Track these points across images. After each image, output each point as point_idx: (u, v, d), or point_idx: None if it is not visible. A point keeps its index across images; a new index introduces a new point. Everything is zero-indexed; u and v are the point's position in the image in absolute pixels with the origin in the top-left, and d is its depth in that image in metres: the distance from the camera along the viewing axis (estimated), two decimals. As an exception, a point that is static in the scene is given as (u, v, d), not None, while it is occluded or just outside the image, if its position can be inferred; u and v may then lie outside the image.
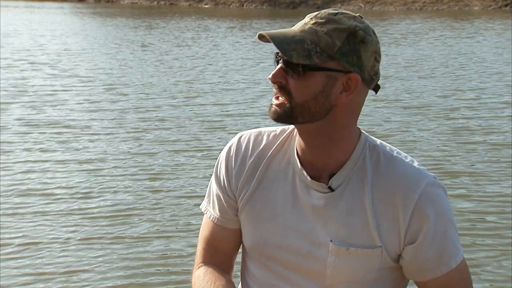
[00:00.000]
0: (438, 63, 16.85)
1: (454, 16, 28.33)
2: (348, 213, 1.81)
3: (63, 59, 17.48)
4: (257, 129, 1.97)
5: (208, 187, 2.00)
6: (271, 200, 1.87)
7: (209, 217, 1.98)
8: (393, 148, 1.87)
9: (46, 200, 7.06)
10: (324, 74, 1.74)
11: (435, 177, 1.82)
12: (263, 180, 1.89)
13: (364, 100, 1.82)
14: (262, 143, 1.92)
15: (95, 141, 9.60)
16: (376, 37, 1.79)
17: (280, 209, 1.86)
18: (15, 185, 7.50)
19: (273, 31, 1.76)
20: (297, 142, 1.87)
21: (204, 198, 2.03)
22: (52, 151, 9.16)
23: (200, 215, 2.19)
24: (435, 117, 10.79)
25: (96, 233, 6.30)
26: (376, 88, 1.83)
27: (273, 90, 1.79)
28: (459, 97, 12.56)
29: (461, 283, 1.85)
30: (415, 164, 1.84)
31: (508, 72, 15.20)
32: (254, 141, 1.93)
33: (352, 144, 1.84)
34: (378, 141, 1.87)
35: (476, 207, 6.79)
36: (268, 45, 1.76)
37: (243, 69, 16.33)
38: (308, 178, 1.83)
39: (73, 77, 14.83)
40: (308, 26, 1.75)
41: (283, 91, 1.76)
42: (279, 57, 1.77)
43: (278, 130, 1.94)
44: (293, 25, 1.83)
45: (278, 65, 1.77)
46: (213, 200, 1.97)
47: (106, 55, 18.60)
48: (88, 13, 33.00)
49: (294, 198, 1.85)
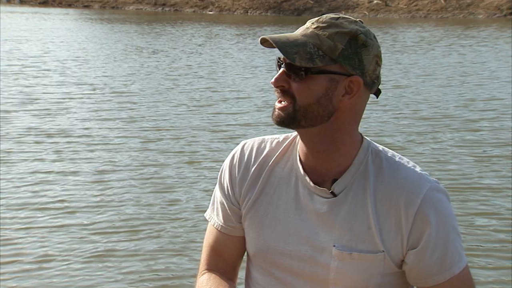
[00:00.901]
0: (450, 72, 16.71)
1: (459, 24, 28.29)
2: (351, 218, 1.81)
3: (72, 66, 17.34)
4: (260, 137, 1.98)
5: (212, 195, 2.01)
6: (274, 206, 1.88)
7: (213, 225, 1.98)
8: (396, 153, 1.88)
9: (51, 214, 6.91)
10: (327, 77, 1.75)
11: (437, 182, 1.83)
12: (266, 187, 1.90)
13: (365, 104, 1.84)
14: (265, 150, 1.93)
15: (100, 150, 9.45)
16: (377, 41, 1.81)
17: (283, 215, 1.86)
18: (21, 197, 7.36)
19: (275, 35, 1.77)
20: (299, 149, 1.88)
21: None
22: (59, 160, 9.01)
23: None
24: (451, 129, 10.64)
25: (108, 247, 6.16)
26: (377, 93, 1.84)
27: (276, 95, 1.80)
28: (475, 108, 12.43)
29: None
30: (418, 169, 1.84)
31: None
32: (257, 149, 1.94)
33: (354, 149, 1.84)
34: (381, 147, 1.88)
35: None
36: (275, 52, 1.75)
37: (255, 76, 16.21)
38: (311, 183, 1.84)
39: (82, 84, 14.71)
40: (310, 30, 1.77)
41: (286, 95, 1.77)
42: (281, 61, 1.78)
43: (281, 138, 1.95)
44: (297, 31, 1.84)
45: (280, 69, 1.78)
46: (217, 208, 1.98)
47: (115, 62, 18.48)
48: (94, 19, 32.98)
49: (297, 203, 1.86)
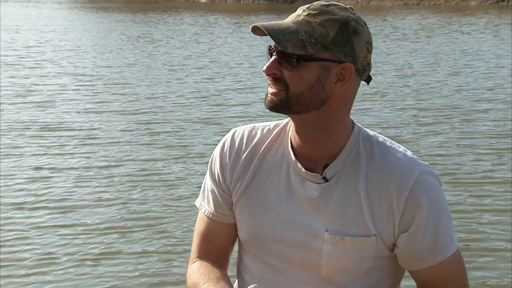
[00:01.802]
0: (452, 60, 16.55)
1: (454, 11, 28.24)
2: (343, 203, 1.80)
3: (68, 56, 17.20)
4: (250, 125, 1.97)
5: (202, 183, 2.00)
6: (266, 193, 1.87)
7: (204, 213, 1.97)
8: (386, 138, 1.87)
9: (49, 212, 6.59)
10: (319, 65, 1.74)
11: (428, 166, 1.83)
12: (257, 174, 1.89)
13: (356, 91, 1.83)
14: (256, 137, 1.92)
15: (100, 145, 9.17)
16: (368, 28, 1.79)
17: (275, 201, 1.86)
18: (19, 194, 7.09)
19: (266, 23, 1.75)
20: (291, 135, 1.87)
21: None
22: (56, 155, 8.69)
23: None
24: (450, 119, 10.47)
25: (108, 246, 5.96)
26: (368, 79, 1.83)
27: (268, 82, 1.78)
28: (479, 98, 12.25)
29: (455, 274, 1.85)
30: (408, 153, 1.84)
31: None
32: (248, 136, 1.93)
33: (346, 135, 1.84)
34: (372, 132, 1.88)
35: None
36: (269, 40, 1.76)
37: (254, 66, 15.86)
38: (303, 169, 1.83)
39: (78, 75, 14.52)
40: (302, 17, 1.75)
41: (278, 82, 1.76)
42: (272, 49, 1.77)
43: (272, 125, 1.94)
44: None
45: (271, 57, 1.77)
46: (207, 196, 1.97)
47: (111, 52, 18.38)
48: (89, 8, 32.84)
49: (289, 190, 1.85)
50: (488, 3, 30.77)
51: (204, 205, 1.97)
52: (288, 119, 1.89)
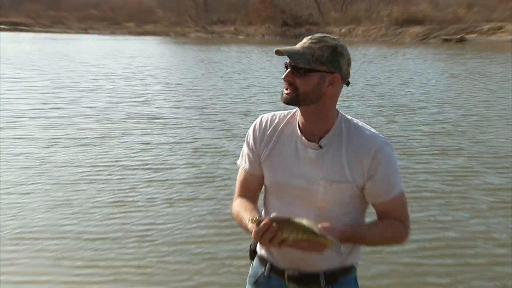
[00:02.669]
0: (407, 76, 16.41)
1: (395, 45, 27.99)
2: (331, 162, 1.79)
3: (158, 72, 17.18)
4: (272, 112, 1.95)
5: (241, 150, 1.98)
6: (282, 155, 1.86)
7: (242, 168, 1.96)
8: (359, 121, 1.86)
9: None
10: (318, 74, 1.73)
11: (385, 138, 1.81)
12: (277, 143, 1.87)
13: (340, 91, 1.82)
14: (275, 120, 1.91)
15: (182, 127, 8.87)
16: (348, 51, 1.79)
17: (288, 160, 1.84)
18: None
19: (284, 47, 1.75)
20: (298, 119, 1.86)
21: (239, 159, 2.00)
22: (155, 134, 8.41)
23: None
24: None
25: (191, 192, 5.65)
26: (348, 84, 1.83)
27: (284, 85, 1.77)
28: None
29: (400, 205, 1.83)
30: (373, 130, 1.83)
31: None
32: (270, 119, 1.92)
33: (333, 119, 1.82)
34: (349, 117, 1.86)
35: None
36: (283, 58, 1.77)
37: (275, 77, 15.50)
38: (306, 140, 1.82)
39: (166, 83, 14.46)
40: (307, 44, 1.75)
41: (291, 86, 1.75)
42: (288, 64, 1.76)
43: (286, 112, 1.92)
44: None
45: (287, 69, 1.76)
46: (244, 158, 1.95)
47: (187, 69, 18.23)
48: (172, 43, 32.99)
49: (297, 153, 1.83)
50: (415, 41, 30.44)
51: (242, 163, 1.96)
52: (296, 109, 1.87)
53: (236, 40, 34.48)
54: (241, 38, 36.38)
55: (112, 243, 4.52)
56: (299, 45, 1.77)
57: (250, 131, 1.93)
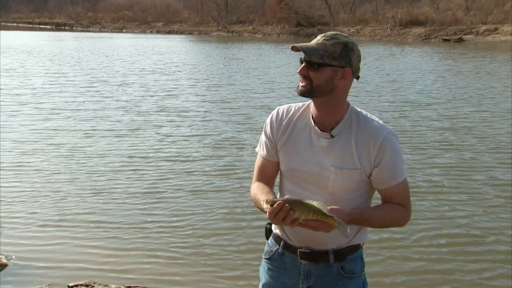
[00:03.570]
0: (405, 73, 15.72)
1: (400, 44, 27.40)
2: (342, 150, 1.75)
3: (184, 68, 16.93)
4: (288, 104, 1.91)
5: (259, 139, 1.95)
6: (297, 143, 1.82)
7: (260, 155, 1.93)
8: (367, 113, 1.83)
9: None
10: (330, 69, 1.70)
11: (391, 129, 1.78)
12: (292, 132, 1.84)
13: (351, 84, 1.79)
14: (291, 111, 1.87)
15: (207, 120, 8.75)
16: (358, 47, 1.75)
17: (302, 148, 1.81)
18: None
19: (300, 44, 1.73)
20: (312, 110, 1.82)
21: (257, 146, 1.97)
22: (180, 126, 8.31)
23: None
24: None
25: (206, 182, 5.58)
26: (358, 78, 1.79)
27: (299, 78, 1.75)
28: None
29: (403, 191, 1.80)
30: (381, 121, 1.79)
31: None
32: (286, 111, 1.88)
33: (344, 110, 1.79)
34: (359, 109, 1.83)
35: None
36: (298, 54, 1.72)
37: (290, 72, 15.26)
38: (318, 130, 1.78)
39: (191, 78, 14.29)
40: (320, 41, 1.72)
41: (306, 79, 1.72)
42: (303, 59, 1.73)
43: (300, 104, 1.88)
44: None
45: (302, 64, 1.73)
46: (262, 145, 1.92)
47: (211, 65, 18.07)
48: (195, 41, 32.79)
49: (310, 142, 1.80)
50: (417, 40, 29.95)
51: (260, 150, 1.93)
52: (310, 101, 1.83)
53: (254, 38, 34.14)
54: (259, 36, 36.04)
55: (141, 232, 4.40)
56: (313, 41, 1.74)
57: (268, 121, 1.90)
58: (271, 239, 1.96)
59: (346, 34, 1.75)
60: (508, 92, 11.45)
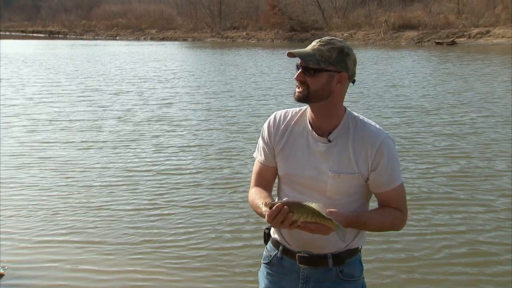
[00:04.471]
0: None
1: (393, 47, 27.53)
2: (339, 154, 1.76)
3: (182, 76, 16.57)
4: (285, 109, 1.92)
5: (257, 144, 1.95)
6: (295, 148, 1.83)
7: (258, 160, 1.93)
8: (364, 117, 1.84)
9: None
10: (327, 74, 1.71)
11: (388, 134, 1.79)
12: (289, 137, 1.85)
13: (347, 89, 1.80)
14: (288, 116, 1.88)
15: (209, 121, 8.73)
16: (353, 52, 1.76)
17: (300, 153, 1.82)
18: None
19: (297, 50, 1.74)
20: (309, 115, 1.83)
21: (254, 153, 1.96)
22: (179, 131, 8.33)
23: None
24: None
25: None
26: (353, 82, 1.80)
27: (296, 84, 1.75)
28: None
29: (400, 195, 1.81)
30: (377, 126, 1.80)
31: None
32: (283, 116, 1.89)
33: (341, 115, 1.80)
34: (356, 113, 1.83)
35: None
36: (294, 60, 1.72)
37: (282, 77, 15.29)
38: (316, 135, 1.79)
39: (187, 86, 14.04)
40: (316, 46, 1.73)
41: (303, 84, 1.73)
42: (299, 65, 1.74)
43: (297, 109, 1.89)
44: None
45: (299, 70, 1.74)
46: (260, 151, 1.92)
47: (210, 71, 18.11)
48: (189, 47, 32.75)
49: (308, 146, 1.81)
50: (411, 44, 30.16)
51: (258, 156, 1.93)
52: (307, 106, 1.84)
53: (248, 44, 34.24)
54: (252, 42, 36.16)
55: (146, 248, 4.27)
56: (309, 47, 1.74)
57: (265, 126, 1.91)
58: (269, 243, 1.96)
59: (341, 39, 1.77)
60: (510, 95, 11.24)
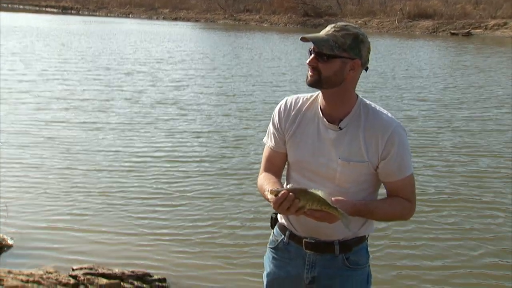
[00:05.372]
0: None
1: (406, 37, 27.07)
2: (350, 142, 1.75)
3: (194, 58, 16.38)
4: (296, 95, 1.90)
5: (267, 129, 1.94)
6: (305, 135, 1.82)
7: (268, 146, 1.92)
8: (376, 105, 1.82)
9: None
10: (340, 60, 1.69)
11: (400, 122, 1.78)
12: (300, 124, 1.83)
13: (360, 76, 1.78)
14: (299, 102, 1.86)
15: (218, 106, 8.59)
16: (368, 39, 1.74)
17: (310, 140, 1.81)
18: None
19: (310, 35, 1.71)
20: (320, 101, 1.81)
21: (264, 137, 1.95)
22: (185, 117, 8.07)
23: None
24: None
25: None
26: (367, 69, 1.79)
27: (308, 69, 1.73)
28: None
29: (409, 186, 1.80)
30: (389, 114, 1.79)
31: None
32: (295, 101, 1.87)
33: (353, 102, 1.78)
34: (368, 101, 1.82)
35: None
36: (307, 45, 1.70)
37: (297, 62, 15.00)
38: (327, 122, 1.78)
39: (199, 69, 13.77)
40: (330, 32, 1.70)
41: (315, 70, 1.71)
42: (312, 50, 1.71)
43: (308, 95, 1.87)
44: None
45: (311, 55, 1.71)
46: (270, 136, 1.91)
47: (219, 52, 17.91)
48: (204, 28, 32.38)
49: (318, 133, 1.80)
50: (425, 33, 29.70)
51: (268, 141, 1.92)
52: (318, 92, 1.82)
53: (261, 27, 33.82)
54: (265, 26, 35.75)
55: (145, 219, 4.33)
56: (323, 32, 1.72)
57: (276, 111, 1.90)
58: (276, 228, 1.96)
59: (356, 25, 1.74)
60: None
